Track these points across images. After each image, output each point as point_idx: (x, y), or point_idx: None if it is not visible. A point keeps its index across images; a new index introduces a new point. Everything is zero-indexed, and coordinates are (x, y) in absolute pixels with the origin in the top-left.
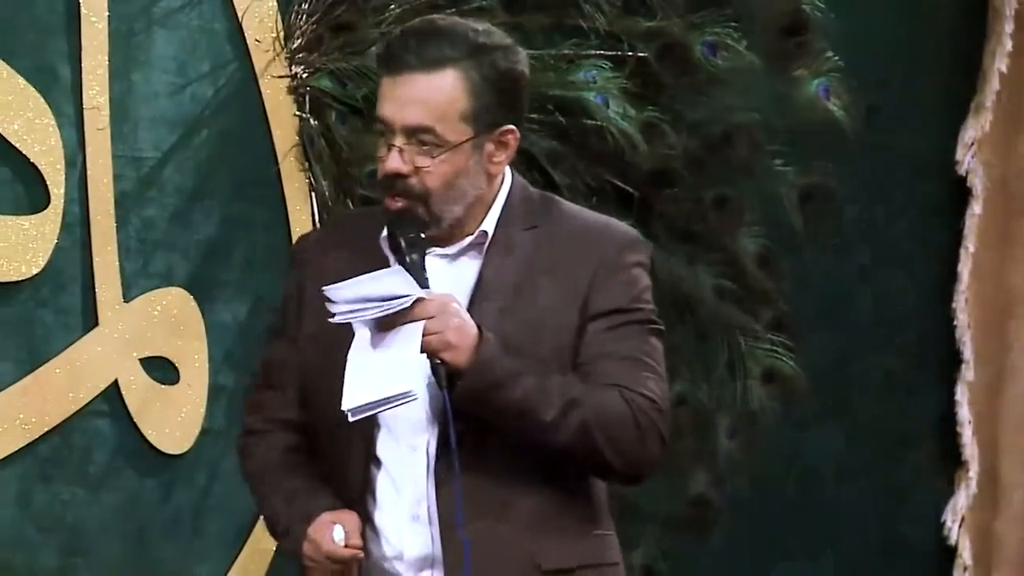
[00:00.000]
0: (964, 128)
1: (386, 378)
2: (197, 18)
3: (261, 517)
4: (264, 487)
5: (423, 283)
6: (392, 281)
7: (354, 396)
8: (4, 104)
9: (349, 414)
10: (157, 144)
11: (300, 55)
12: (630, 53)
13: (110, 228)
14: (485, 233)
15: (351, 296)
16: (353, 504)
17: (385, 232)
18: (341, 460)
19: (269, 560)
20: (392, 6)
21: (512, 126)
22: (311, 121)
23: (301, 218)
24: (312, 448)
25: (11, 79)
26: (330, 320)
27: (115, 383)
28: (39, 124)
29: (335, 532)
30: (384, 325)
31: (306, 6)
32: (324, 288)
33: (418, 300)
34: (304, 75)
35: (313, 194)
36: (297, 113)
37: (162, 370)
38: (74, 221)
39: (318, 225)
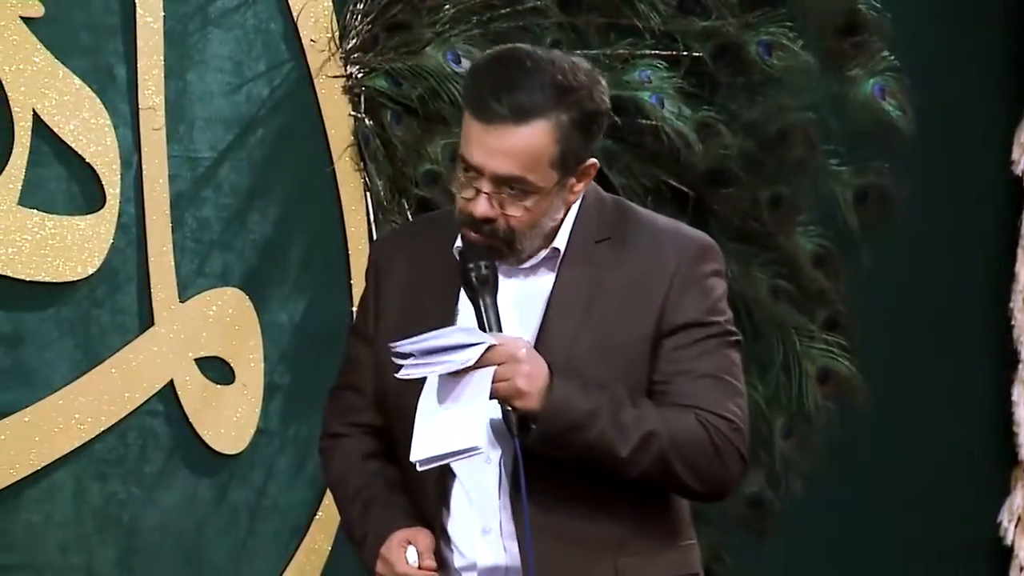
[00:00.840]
0: (1020, 128)
1: (454, 431)
2: (252, 18)
3: (316, 517)
4: (342, 493)
5: (495, 326)
6: (459, 335)
7: (422, 448)
8: (60, 104)
9: (417, 464)
10: (213, 144)
11: (355, 55)
12: (685, 53)
13: (166, 228)
14: (557, 250)
15: (418, 350)
16: (428, 513)
17: (458, 243)
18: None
19: (324, 560)
20: (447, 6)
21: (594, 159)
22: (366, 121)
23: (356, 218)
24: (391, 452)
25: (67, 79)
26: (396, 376)
27: (171, 383)
28: (95, 124)
29: (408, 554)
30: (454, 372)
31: (361, 6)
32: (391, 344)
33: (488, 348)
34: (359, 75)
35: (368, 194)
36: (352, 113)
37: (217, 370)
38: (130, 221)
39: (373, 225)
